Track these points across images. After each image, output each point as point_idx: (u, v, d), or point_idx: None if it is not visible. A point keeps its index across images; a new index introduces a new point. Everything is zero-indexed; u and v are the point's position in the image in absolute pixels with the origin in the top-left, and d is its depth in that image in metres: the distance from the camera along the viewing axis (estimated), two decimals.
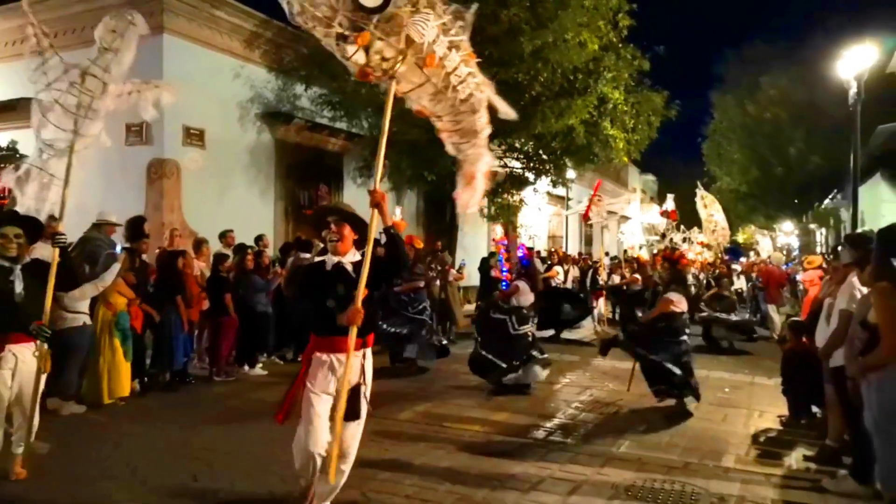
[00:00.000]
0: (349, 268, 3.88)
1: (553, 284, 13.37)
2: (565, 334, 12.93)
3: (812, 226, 33.91)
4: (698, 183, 20.16)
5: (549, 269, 14.03)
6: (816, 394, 6.38)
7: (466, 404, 7.31)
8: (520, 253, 8.44)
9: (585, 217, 16.53)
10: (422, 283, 9.56)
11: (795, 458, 5.55)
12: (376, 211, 3.80)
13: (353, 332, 3.65)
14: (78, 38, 11.47)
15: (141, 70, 11.25)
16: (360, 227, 3.99)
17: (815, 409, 6.66)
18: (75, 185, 9.34)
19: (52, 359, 4.73)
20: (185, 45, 11.10)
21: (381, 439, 5.77)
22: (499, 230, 15.07)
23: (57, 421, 6.08)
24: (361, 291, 3.66)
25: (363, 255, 3.76)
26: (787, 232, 36.55)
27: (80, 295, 6.04)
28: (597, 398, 7.72)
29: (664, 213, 19.03)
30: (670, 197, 18.26)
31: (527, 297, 8.26)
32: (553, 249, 15.01)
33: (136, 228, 7.83)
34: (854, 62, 10.61)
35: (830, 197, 27.61)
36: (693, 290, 17.10)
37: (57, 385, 6.24)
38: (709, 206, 18.90)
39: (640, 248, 26.70)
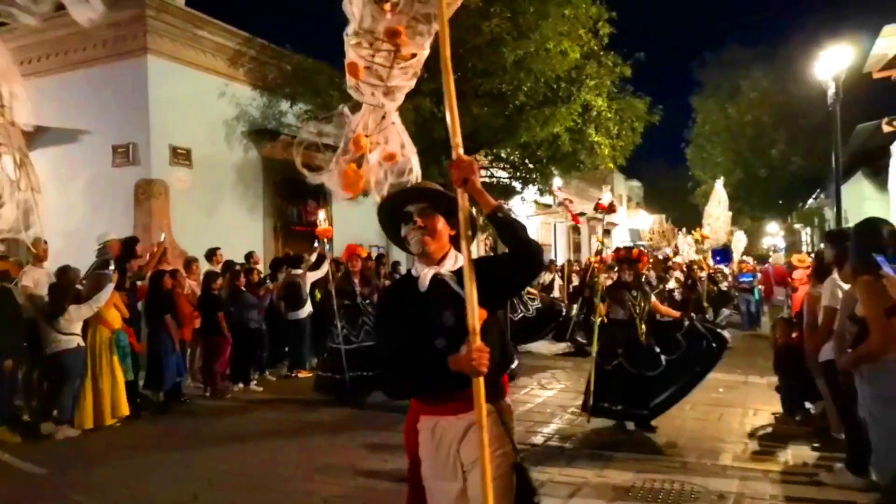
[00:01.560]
0: (453, 282, 2.45)
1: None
2: (542, 348, 12.48)
3: (797, 225, 34.27)
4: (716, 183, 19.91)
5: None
6: (809, 389, 6.47)
7: None
8: None
9: (576, 221, 16.30)
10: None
11: (792, 454, 5.60)
12: (464, 191, 2.45)
13: (480, 381, 2.22)
14: (62, 61, 11.50)
15: (125, 92, 11.38)
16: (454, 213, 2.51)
17: (808, 405, 6.74)
18: (61, 209, 9.44)
19: (47, 382, 4.71)
20: (169, 66, 11.12)
21: (380, 451, 5.77)
22: None
23: (52, 445, 6.04)
24: (475, 315, 2.25)
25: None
26: (773, 233, 36.89)
27: (76, 317, 6.02)
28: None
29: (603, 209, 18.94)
30: (606, 189, 16.82)
31: None
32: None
33: (128, 249, 7.86)
34: (831, 63, 10.81)
35: (814, 196, 27.91)
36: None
37: (52, 408, 6.20)
38: (721, 203, 18.80)
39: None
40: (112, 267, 7.22)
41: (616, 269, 9.62)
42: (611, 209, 8.19)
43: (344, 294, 8.03)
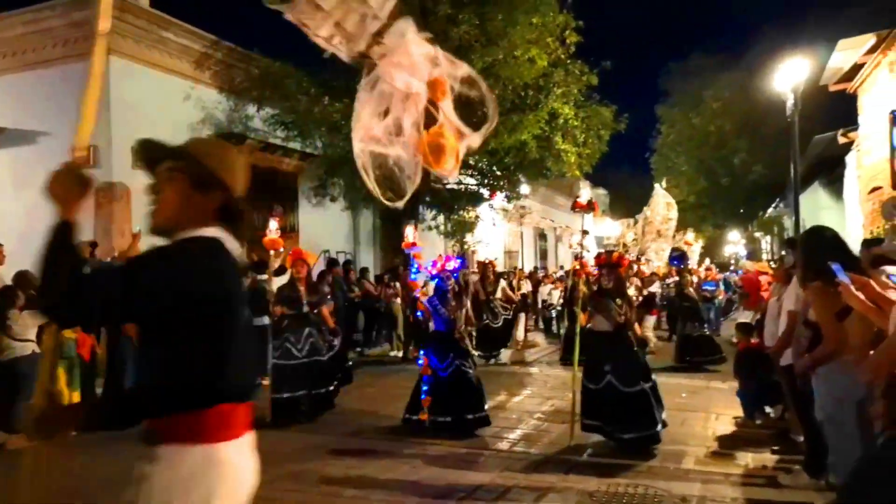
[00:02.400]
0: None
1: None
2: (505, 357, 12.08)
3: (757, 234, 35.02)
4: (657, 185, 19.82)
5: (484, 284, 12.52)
6: (768, 393, 6.61)
7: None
8: (454, 265, 7.35)
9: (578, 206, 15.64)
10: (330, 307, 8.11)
11: (752, 457, 5.70)
12: None
13: None
14: (20, 60, 11.23)
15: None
16: None
17: (768, 408, 6.88)
18: (19, 212, 9.18)
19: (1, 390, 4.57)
20: (133, 68, 10.93)
21: (345, 457, 5.72)
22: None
23: (4, 455, 5.85)
24: None
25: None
26: (734, 241, 37.62)
27: (31, 322, 5.86)
28: (558, 408, 7.78)
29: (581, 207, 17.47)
30: (585, 186, 15.46)
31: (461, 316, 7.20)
32: (488, 261, 13.45)
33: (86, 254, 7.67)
34: (790, 75, 11.08)
35: (774, 205, 28.59)
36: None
37: (7, 417, 6.02)
38: (669, 209, 18.71)
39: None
40: None
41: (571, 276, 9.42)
42: (589, 207, 7.76)
43: (288, 302, 7.40)
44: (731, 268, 22.50)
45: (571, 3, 13.07)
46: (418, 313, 7.62)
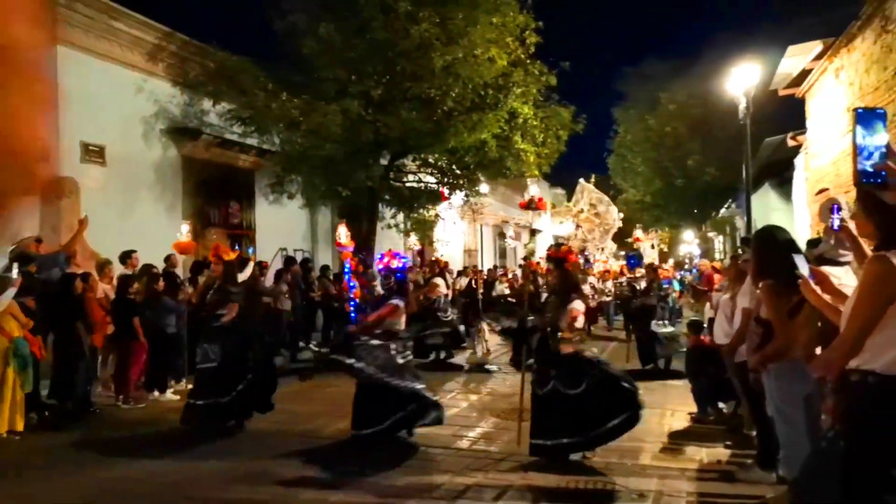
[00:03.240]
0: None
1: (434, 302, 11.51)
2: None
3: (711, 234, 35.82)
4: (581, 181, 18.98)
5: (426, 283, 12.10)
6: (721, 389, 6.75)
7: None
8: (399, 263, 6.72)
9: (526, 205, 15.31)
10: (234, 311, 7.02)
11: (707, 452, 5.81)
12: None
13: None
14: None
15: None
16: None
17: (721, 404, 7.03)
18: None
19: None
20: (82, 58, 10.56)
21: (301, 459, 5.64)
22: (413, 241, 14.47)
23: None
24: None
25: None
26: (689, 241, 38.38)
27: None
28: (516, 406, 7.81)
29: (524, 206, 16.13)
30: (532, 183, 15.00)
31: (401, 320, 6.50)
32: (434, 258, 13.03)
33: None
34: (742, 80, 11.37)
35: (726, 206, 29.25)
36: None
37: None
38: (597, 205, 18.35)
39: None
40: (15, 271, 6.70)
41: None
42: (529, 206, 7.54)
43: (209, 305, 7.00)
44: (686, 266, 22.95)
45: (531, 4, 13.16)
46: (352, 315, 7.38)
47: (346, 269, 9.20)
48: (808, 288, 3.28)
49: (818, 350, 3.75)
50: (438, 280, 12.16)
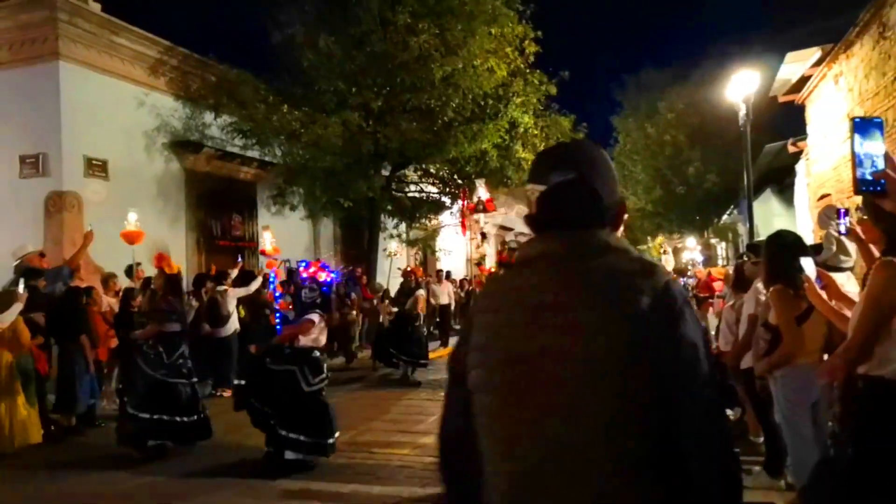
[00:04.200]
0: None
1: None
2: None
3: (713, 240, 35.81)
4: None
5: (409, 294, 11.33)
6: (726, 396, 6.71)
7: (392, 429, 7.22)
8: (328, 277, 6.42)
9: (464, 231, 14.71)
10: (176, 326, 6.48)
11: None
12: None
13: None
14: None
15: (35, 98, 10.80)
16: None
17: (728, 411, 7.00)
18: None
19: None
20: (83, 73, 10.63)
21: (306, 472, 5.62)
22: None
23: None
24: None
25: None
26: (691, 248, 38.36)
27: None
28: None
29: (471, 209, 14.08)
30: (480, 183, 13.99)
31: (321, 336, 6.02)
32: (410, 268, 12.41)
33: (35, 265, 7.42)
34: (741, 86, 11.39)
35: (728, 213, 29.28)
36: None
37: None
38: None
39: None
40: (21, 286, 6.68)
41: None
42: (477, 208, 6.88)
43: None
44: (689, 273, 23.01)
45: (530, 14, 13.24)
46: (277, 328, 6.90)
47: (272, 279, 8.92)
48: (813, 292, 3.27)
49: (825, 357, 3.74)
50: (420, 293, 11.34)
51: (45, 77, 10.29)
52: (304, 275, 6.31)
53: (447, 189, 15.09)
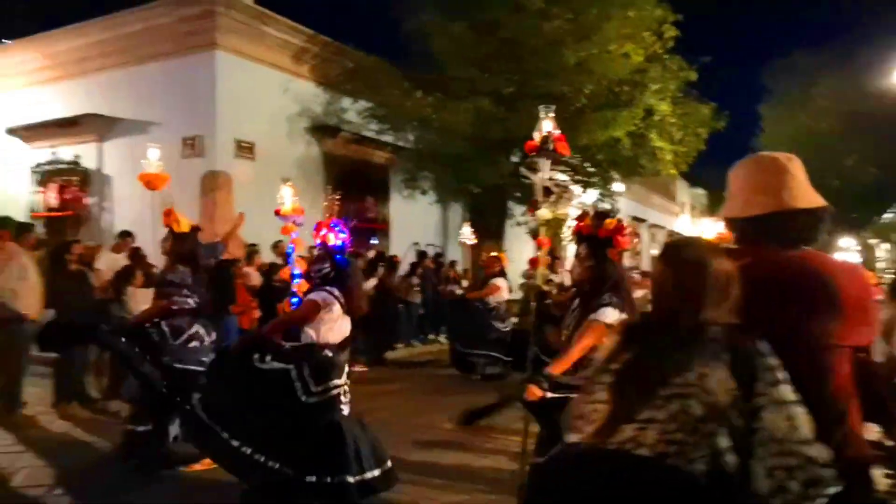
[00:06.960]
0: None
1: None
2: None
3: (872, 241, 32.77)
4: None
5: (484, 284, 9.83)
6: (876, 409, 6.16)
7: (511, 415, 7.24)
8: (338, 240, 4.60)
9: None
10: (188, 302, 5.31)
11: None
12: None
13: None
14: (134, 55, 11.96)
15: (194, 85, 11.73)
16: None
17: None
18: (132, 200, 9.67)
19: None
20: (236, 62, 11.42)
21: (429, 447, 5.77)
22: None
23: (119, 422, 6.25)
24: None
25: None
26: (845, 248, 35.35)
27: (141, 298, 6.26)
28: None
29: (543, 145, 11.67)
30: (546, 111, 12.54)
31: (339, 327, 4.30)
32: (497, 254, 10.23)
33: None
34: None
35: (891, 210, 26.67)
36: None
37: (120, 387, 6.44)
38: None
39: None
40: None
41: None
42: (546, 147, 4.05)
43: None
44: None
45: None
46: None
47: (290, 251, 6.22)
48: None
49: None
50: (499, 281, 9.57)
51: (203, 66, 11.16)
52: (316, 240, 4.62)
53: (577, 177, 14.80)
